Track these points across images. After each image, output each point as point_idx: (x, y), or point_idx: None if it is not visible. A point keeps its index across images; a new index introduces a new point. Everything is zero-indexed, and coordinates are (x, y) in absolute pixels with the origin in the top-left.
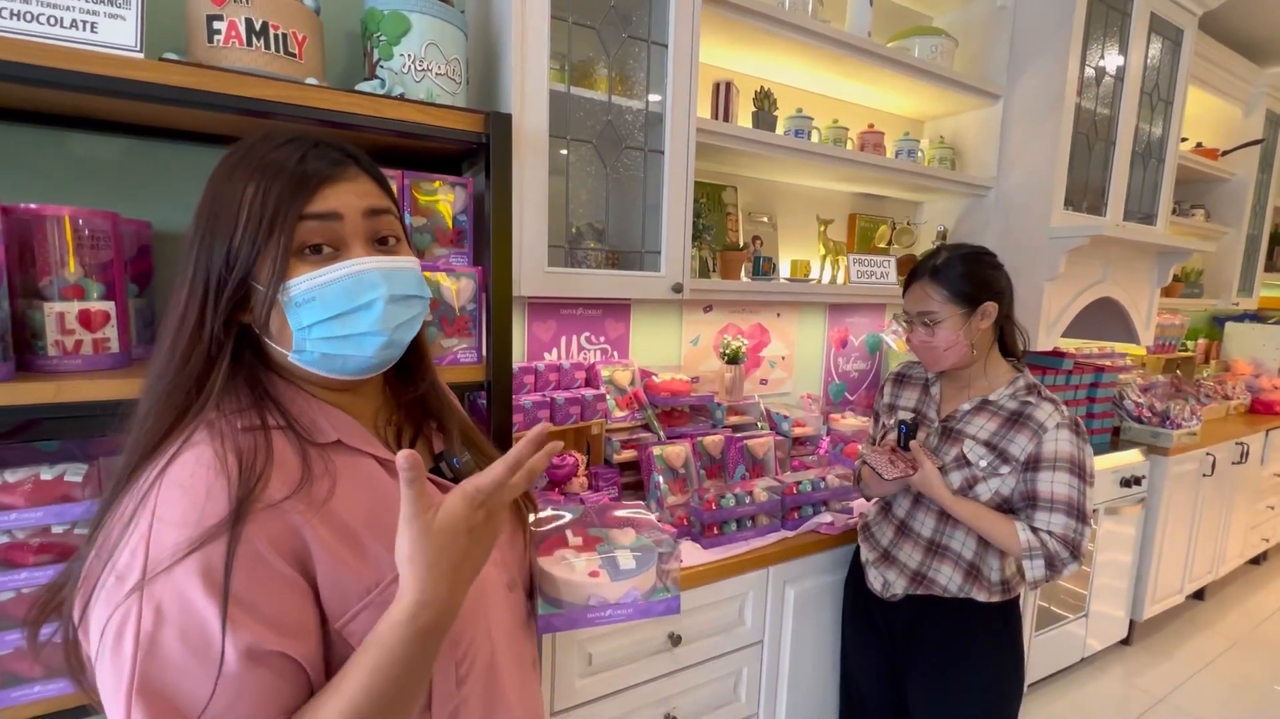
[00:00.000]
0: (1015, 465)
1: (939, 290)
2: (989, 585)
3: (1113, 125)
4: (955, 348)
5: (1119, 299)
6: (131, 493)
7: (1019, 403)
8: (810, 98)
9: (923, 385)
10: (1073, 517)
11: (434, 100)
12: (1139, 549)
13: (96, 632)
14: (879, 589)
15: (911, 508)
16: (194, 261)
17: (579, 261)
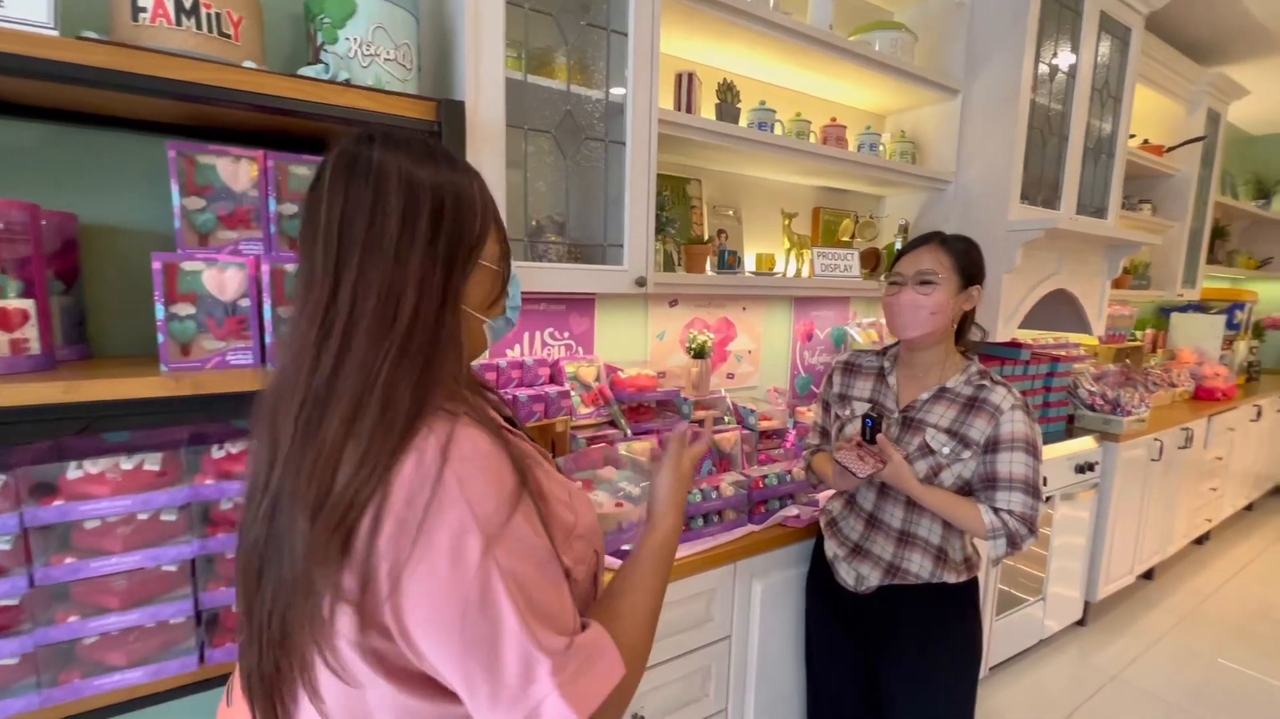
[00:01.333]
0: (975, 449)
1: (947, 256)
2: (956, 566)
3: (1065, 121)
4: (940, 315)
5: (1072, 291)
6: (405, 476)
7: (973, 388)
8: (773, 90)
9: (877, 374)
10: (1029, 494)
11: (383, 87)
12: (1092, 533)
13: (442, 599)
14: (851, 583)
15: (878, 500)
16: (418, 248)
17: (539, 255)
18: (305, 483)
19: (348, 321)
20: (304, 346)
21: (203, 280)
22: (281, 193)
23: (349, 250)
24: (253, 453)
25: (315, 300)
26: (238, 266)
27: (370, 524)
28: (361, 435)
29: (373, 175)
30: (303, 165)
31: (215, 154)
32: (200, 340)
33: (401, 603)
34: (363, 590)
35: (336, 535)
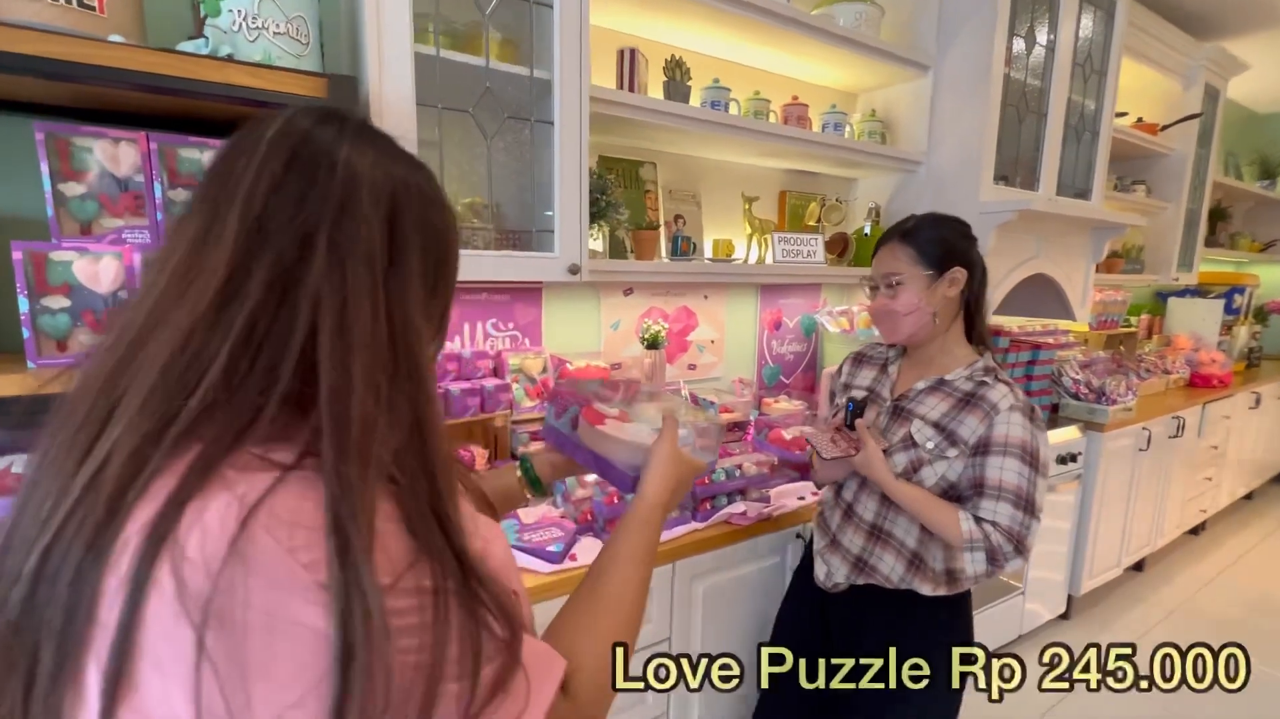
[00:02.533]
0: (964, 449)
1: (906, 251)
2: (934, 576)
3: (1044, 98)
4: (916, 314)
5: (1053, 275)
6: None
7: (974, 384)
8: (729, 67)
9: (881, 365)
10: (1020, 508)
11: (272, 63)
12: (1076, 524)
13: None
14: (822, 578)
15: (857, 490)
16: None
17: (464, 242)
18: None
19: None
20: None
21: (74, 271)
22: (172, 177)
23: (277, 236)
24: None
25: (206, 293)
26: (112, 256)
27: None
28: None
29: (337, 164)
30: (192, 148)
31: (92, 136)
32: (78, 335)
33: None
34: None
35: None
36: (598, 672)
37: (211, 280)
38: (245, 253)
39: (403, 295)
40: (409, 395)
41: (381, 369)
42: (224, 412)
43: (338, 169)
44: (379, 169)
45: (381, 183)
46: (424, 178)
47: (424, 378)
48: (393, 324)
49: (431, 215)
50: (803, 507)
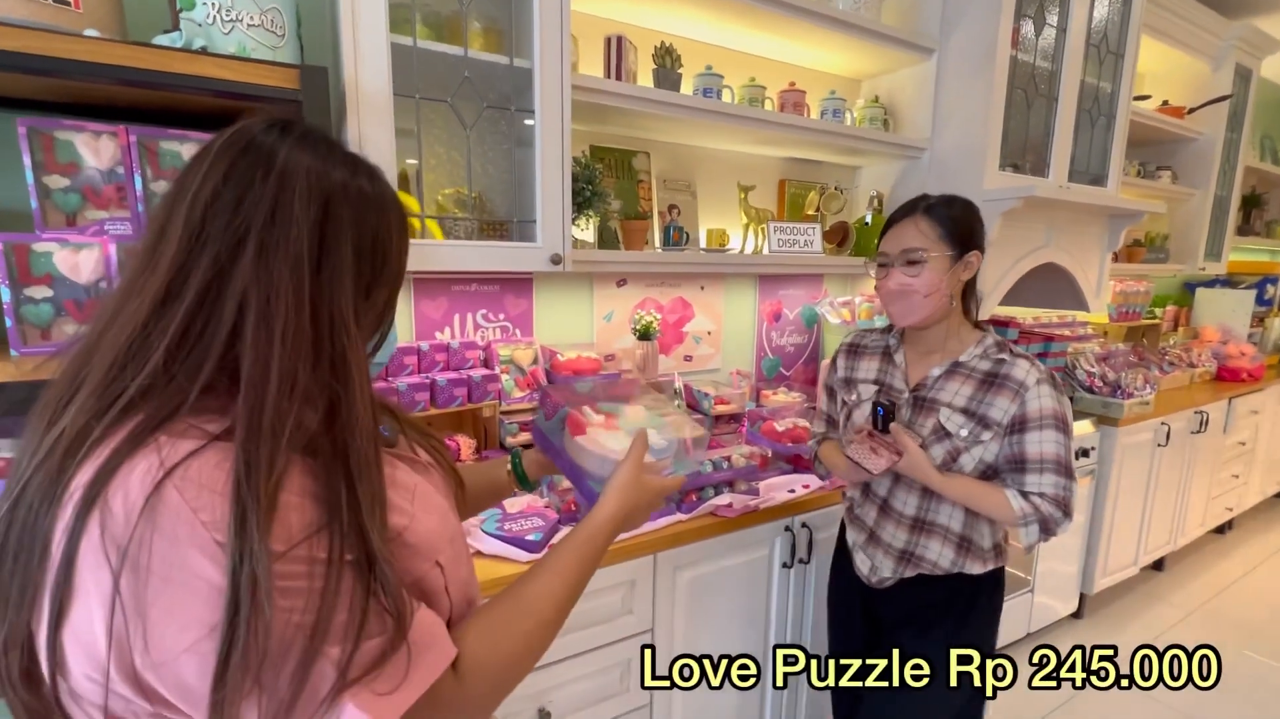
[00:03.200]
0: (998, 430)
1: (932, 226)
2: (983, 554)
3: (1055, 80)
4: (935, 295)
5: (1064, 265)
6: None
7: (992, 362)
8: (723, 54)
9: (882, 354)
10: (1062, 474)
11: (246, 55)
12: (1089, 522)
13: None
14: (866, 573)
15: (893, 486)
16: (325, 286)
17: (446, 232)
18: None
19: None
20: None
21: (55, 262)
22: (154, 170)
23: (215, 238)
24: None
25: (154, 289)
26: (91, 247)
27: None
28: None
29: (276, 162)
30: (173, 141)
31: (73, 130)
32: (61, 324)
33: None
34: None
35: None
36: (496, 669)
37: (158, 279)
38: (187, 253)
39: (332, 293)
40: (327, 385)
41: (301, 360)
42: (161, 394)
43: (272, 174)
44: (314, 173)
45: (315, 187)
46: (366, 181)
47: (349, 370)
48: (318, 320)
49: (369, 217)
50: (793, 499)
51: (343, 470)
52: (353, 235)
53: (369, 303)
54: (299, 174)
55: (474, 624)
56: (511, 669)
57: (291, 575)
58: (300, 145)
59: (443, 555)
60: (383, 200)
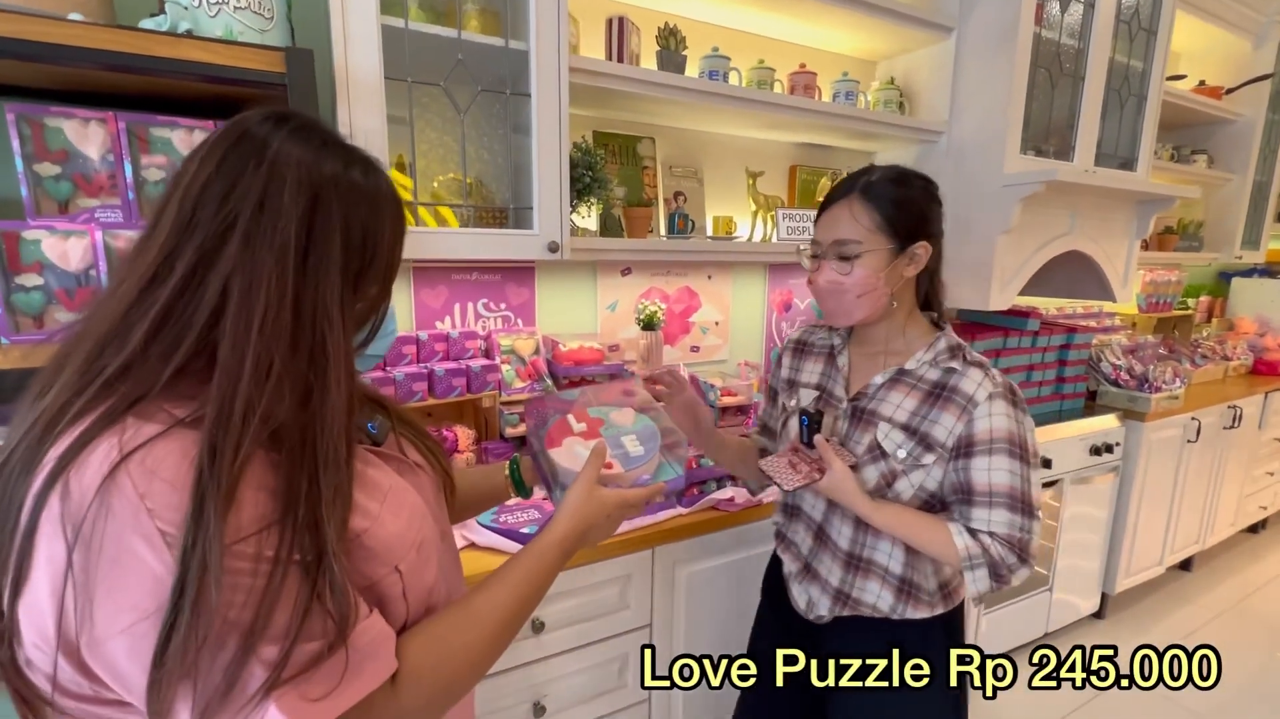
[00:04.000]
0: (941, 452)
1: (868, 213)
2: (928, 597)
3: (1081, 59)
4: (871, 295)
5: (1089, 253)
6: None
7: (941, 371)
8: (731, 35)
9: (827, 355)
10: (1017, 511)
11: (233, 38)
12: (1112, 519)
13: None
14: (803, 608)
15: (827, 510)
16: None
17: (440, 220)
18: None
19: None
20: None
21: (44, 249)
22: (145, 157)
23: (203, 226)
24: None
25: (141, 273)
26: (79, 235)
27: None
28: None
29: (266, 154)
30: (163, 128)
31: (61, 116)
32: (53, 312)
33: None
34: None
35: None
36: (435, 683)
37: (147, 264)
38: (176, 240)
39: (317, 284)
40: (303, 375)
41: (278, 348)
42: (138, 373)
43: (263, 165)
44: (304, 165)
45: (305, 178)
46: (359, 173)
47: (327, 363)
48: (299, 309)
49: (359, 210)
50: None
51: (307, 463)
52: (342, 228)
53: (357, 295)
54: (289, 165)
55: (417, 636)
56: (452, 685)
57: (235, 571)
58: (293, 137)
59: (405, 562)
60: (376, 193)
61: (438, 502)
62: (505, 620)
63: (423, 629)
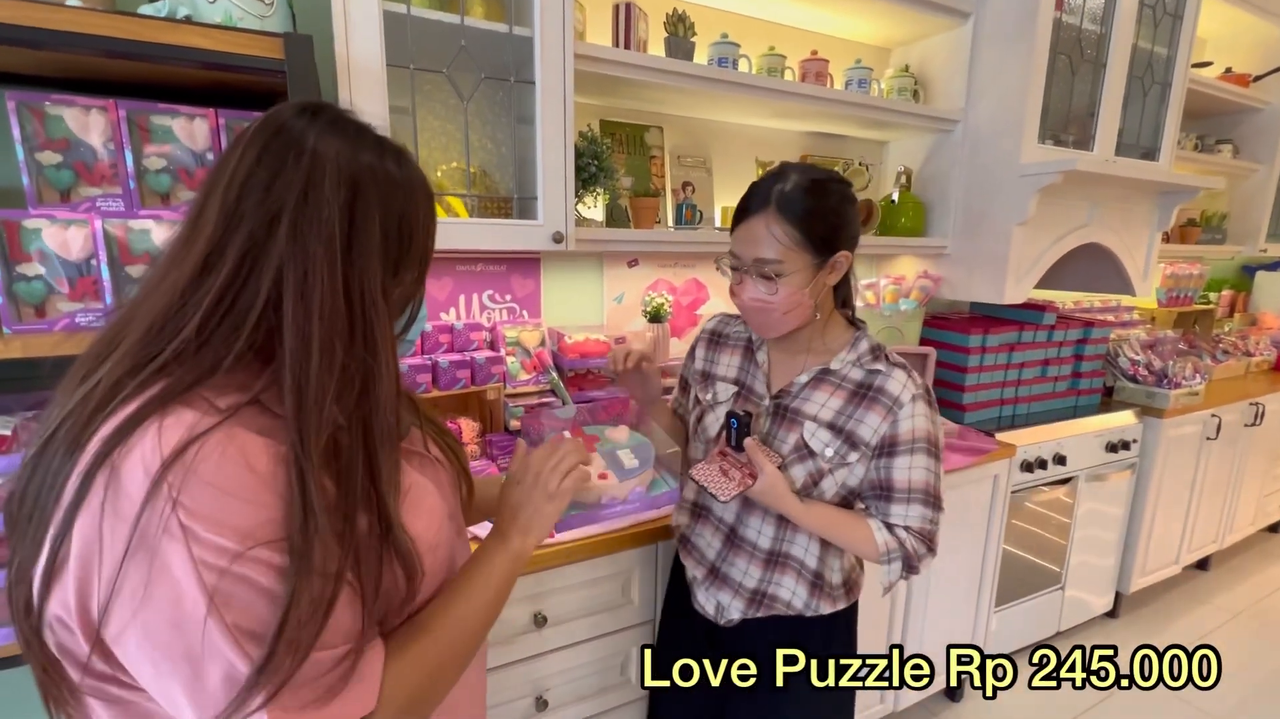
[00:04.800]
0: (865, 451)
1: (788, 229)
2: (833, 592)
3: (1103, 45)
4: (798, 310)
5: (1109, 245)
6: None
7: (865, 372)
8: (741, 22)
9: (744, 348)
10: (929, 505)
11: (233, 24)
12: (1127, 517)
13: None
14: (711, 613)
15: (742, 512)
16: (355, 265)
17: (450, 210)
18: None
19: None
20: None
21: (44, 239)
22: (145, 145)
23: (250, 216)
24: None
25: (192, 262)
26: (79, 224)
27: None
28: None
29: (306, 144)
30: (164, 115)
31: (63, 104)
32: (55, 302)
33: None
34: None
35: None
36: (403, 705)
37: (195, 254)
38: (224, 231)
39: (362, 272)
40: (362, 363)
41: (339, 338)
42: (192, 359)
43: (304, 157)
44: (343, 156)
45: (344, 169)
46: (393, 164)
47: (378, 350)
48: (350, 297)
49: (395, 199)
50: None
51: (368, 449)
52: (380, 216)
53: (396, 281)
54: (329, 157)
55: (394, 662)
56: (419, 704)
57: (252, 575)
58: (330, 129)
59: (426, 558)
60: (410, 182)
61: (455, 499)
62: (468, 631)
63: (396, 654)
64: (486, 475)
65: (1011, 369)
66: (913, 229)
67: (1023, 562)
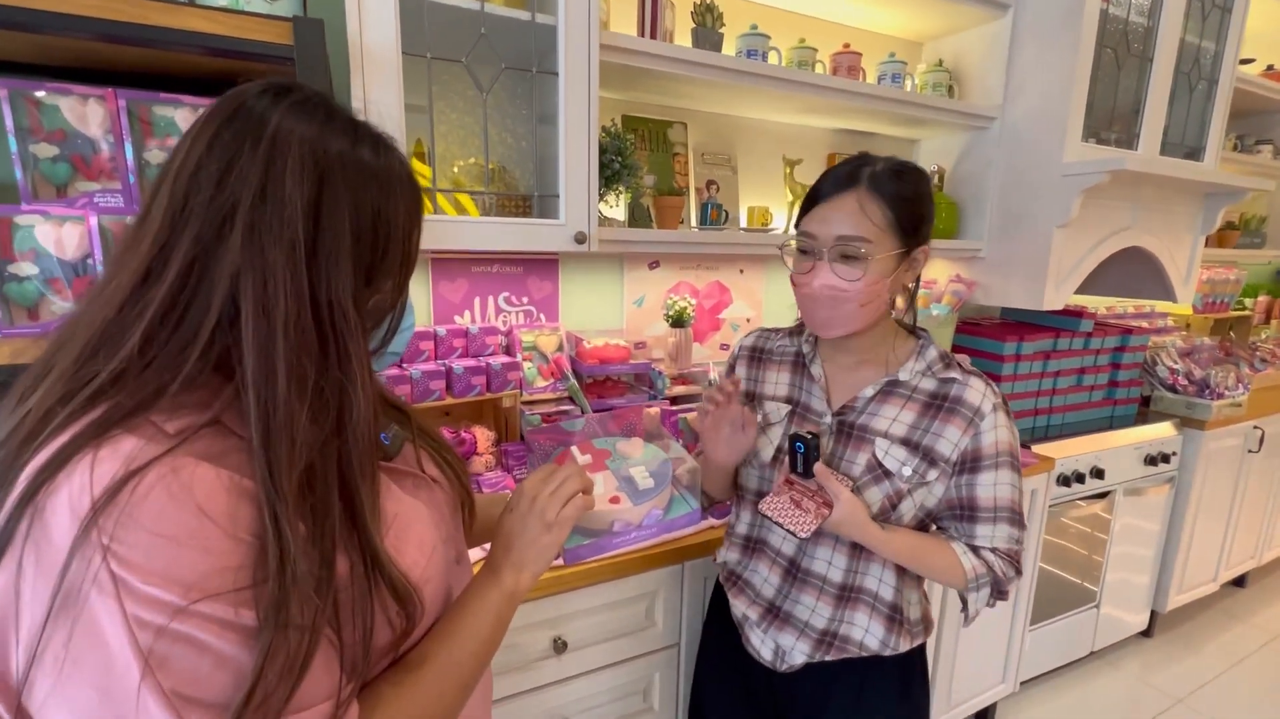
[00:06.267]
0: (945, 468)
1: (882, 209)
2: (911, 627)
3: (1150, 38)
4: (874, 304)
5: (1151, 249)
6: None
7: (938, 381)
8: (770, 13)
9: (793, 363)
10: (1015, 524)
11: (239, 8)
12: (1165, 533)
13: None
14: (769, 658)
15: (804, 541)
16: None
17: (461, 208)
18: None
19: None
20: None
21: (37, 236)
22: (146, 137)
23: (199, 214)
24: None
25: (133, 269)
26: (75, 221)
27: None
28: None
29: (263, 139)
30: (166, 106)
31: (57, 93)
32: (49, 304)
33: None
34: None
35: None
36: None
37: (138, 258)
38: (170, 231)
39: (330, 279)
40: (337, 385)
41: (309, 359)
42: (134, 383)
43: (262, 144)
44: (309, 143)
45: (310, 157)
46: (369, 151)
47: (352, 369)
48: (318, 309)
49: (370, 193)
50: None
51: (347, 482)
52: (351, 213)
53: (372, 289)
54: (291, 143)
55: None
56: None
57: (200, 632)
58: (295, 111)
59: (416, 580)
60: (388, 174)
61: (454, 522)
62: (458, 681)
63: (380, 706)
64: (492, 493)
65: (1046, 378)
66: (946, 231)
67: (1056, 579)
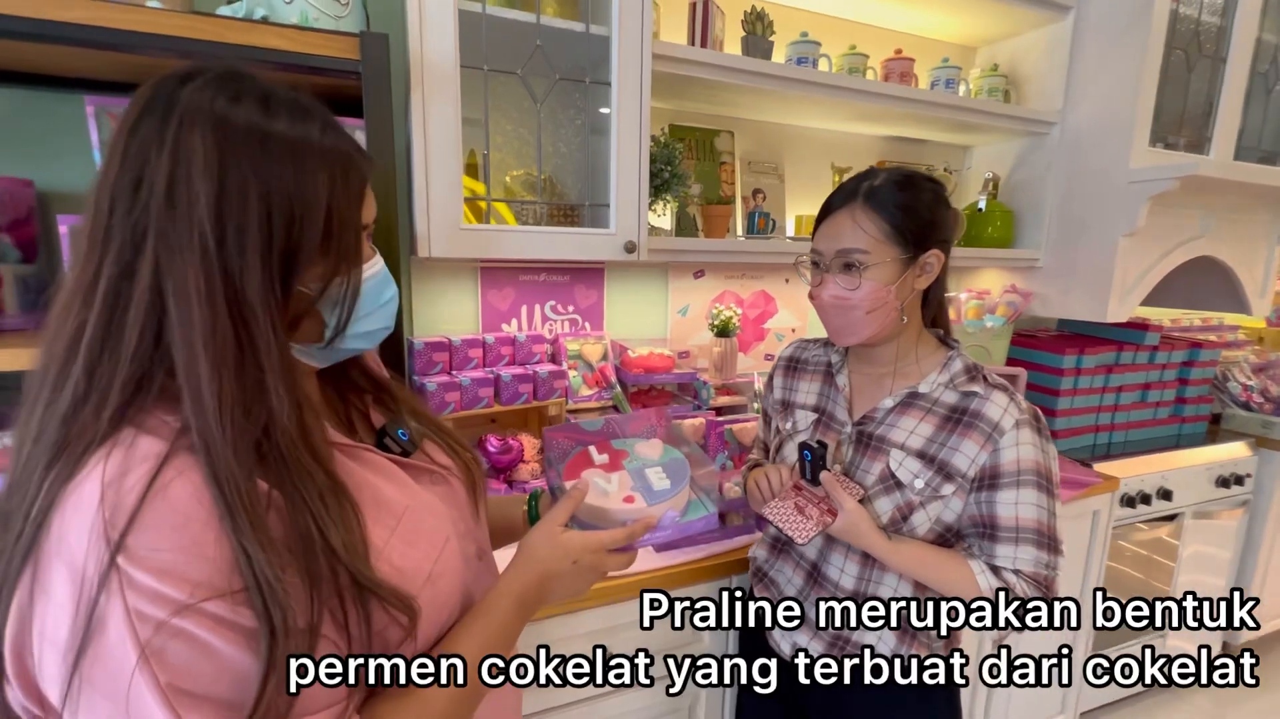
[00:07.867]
0: (962, 483)
1: (874, 221)
2: (928, 637)
3: (1224, 38)
4: (882, 310)
5: (1223, 259)
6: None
7: (959, 394)
8: (820, 20)
9: (823, 373)
10: (1044, 548)
11: (309, 25)
12: (1239, 560)
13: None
14: (788, 653)
15: (825, 547)
16: (235, 253)
17: (500, 219)
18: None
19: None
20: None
21: None
22: None
23: (119, 230)
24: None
25: (71, 293)
26: None
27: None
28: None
29: (171, 123)
30: None
31: None
32: None
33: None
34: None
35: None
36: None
37: (71, 285)
38: (100, 251)
39: (240, 272)
40: (257, 389)
41: (225, 365)
42: (80, 419)
43: (168, 143)
44: (212, 122)
45: (213, 147)
46: (284, 122)
47: (264, 370)
48: (231, 308)
49: (283, 169)
50: None
51: (302, 491)
52: (260, 201)
53: (301, 278)
54: (195, 129)
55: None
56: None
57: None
58: (205, 91)
59: (415, 601)
60: (303, 145)
61: (471, 510)
62: (459, 698)
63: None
64: (509, 494)
65: (1109, 393)
66: (1001, 240)
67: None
